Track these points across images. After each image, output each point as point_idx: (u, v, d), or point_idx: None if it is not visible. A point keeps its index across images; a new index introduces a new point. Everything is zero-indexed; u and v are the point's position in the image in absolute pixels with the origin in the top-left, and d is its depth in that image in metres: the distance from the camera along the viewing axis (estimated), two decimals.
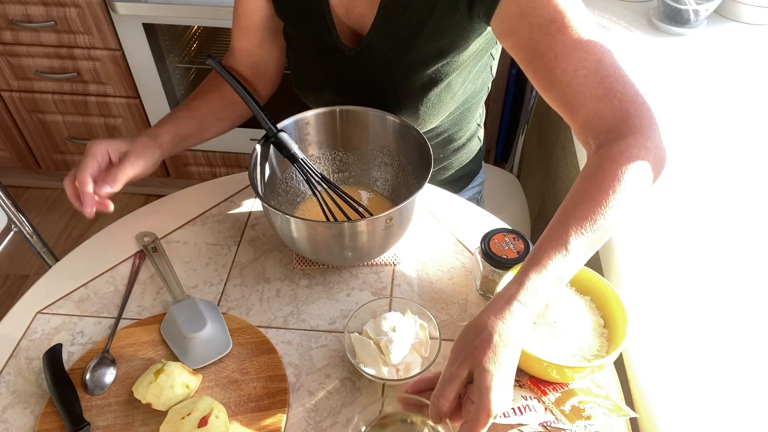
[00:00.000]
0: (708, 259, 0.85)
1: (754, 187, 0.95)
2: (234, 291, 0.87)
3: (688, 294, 0.81)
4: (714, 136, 1.04)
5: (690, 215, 0.91)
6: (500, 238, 0.82)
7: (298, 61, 0.98)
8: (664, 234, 0.88)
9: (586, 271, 0.77)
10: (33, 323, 0.83)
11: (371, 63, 0.90)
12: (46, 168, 2.08)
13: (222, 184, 1.04)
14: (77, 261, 0.92)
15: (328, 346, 0.80)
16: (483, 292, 0.85)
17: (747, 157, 1.01)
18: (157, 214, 0.99)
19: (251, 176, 0.82)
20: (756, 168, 0.99)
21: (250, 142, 1.89)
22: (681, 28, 1.27)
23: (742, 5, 1.30)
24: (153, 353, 0.79)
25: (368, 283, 0.88)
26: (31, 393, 0.76)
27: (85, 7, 1.62)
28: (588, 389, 0.71)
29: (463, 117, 1.02)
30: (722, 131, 1.05)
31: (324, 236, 0.80)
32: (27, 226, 1.31)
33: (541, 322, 0.73)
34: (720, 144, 1.03)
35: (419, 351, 0.75)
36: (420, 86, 0.89)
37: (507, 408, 0.63)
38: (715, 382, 0.71)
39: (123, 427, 0.72)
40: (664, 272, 0.83)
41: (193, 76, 1.91)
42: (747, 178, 0.97)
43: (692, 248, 0.86)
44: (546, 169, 1.51)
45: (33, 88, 1.84)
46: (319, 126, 0.93)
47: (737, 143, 1.03)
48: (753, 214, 0.91)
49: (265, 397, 0.74)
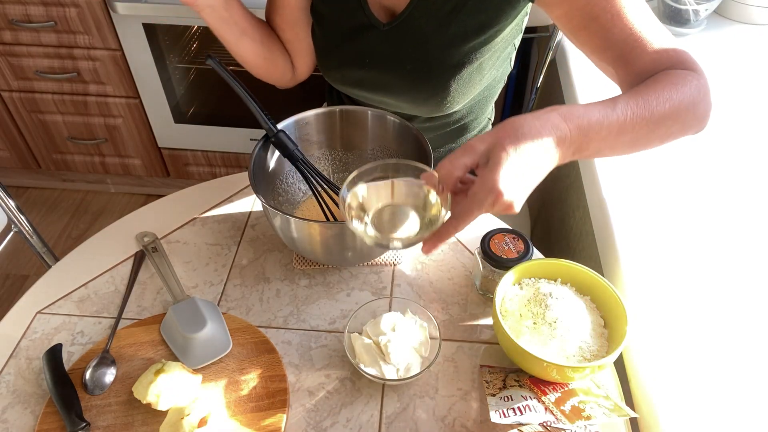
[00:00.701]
0: (708, 259, 0.85)
1: (754, 187, 0.95)
2: (234, 291, 0.87)
3: (689, 294, 0.81)
4: (714, 136, 1.04)
5: (690, 215, 0.91)
6: (500, 238, 0.82)
7: (327, 39, 0.97)
8: (664, 234, 0.88)
9: (586, 271, 0.77)
10: (33, 323, 0.83)
11: (407, 38, 0.90)
12: (46, 168, 2.08)
13: (222, 184, 1.04)
14: (77, 261, 0.92)
15: (328, 346, 0.80)
16: (483, 292, 0.85)
17: (747, 157, 1.01)
18: (157, 214, 0.99)
19: (251, 176, 0.82)
20: (756, 168, 0.99)
21: (250, 142, 1.89)
22: (681, 28, 1.27)
23: (742, 5, 1.30)
24: (153, 353, 0.79)
25: (368, 283, 0.88)
26: (31, 393, 0.76)
27: (85, 7, 1.62)
28: (588, 389, 0.71)
29: (480, 105, 1.02)
30: (722, 131, 1.05)
31: (324, 236, 0.80)
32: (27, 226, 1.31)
33: (541, 322, 0.73)
34: (720, 144, 1.03)
35: (419, 351, 0.75)
36: (455, 63, 0.89)
37: (515, 198, 0.56)
38: (715, 382, 0.71)
39: (123, 427, 0.72)
40: (665, 272, 0.83)
41: (193, 76, 1.91)
42: (747, 178, 0.97)
43: (692, 248, 0.86)
44: None
45: (33, 88, 1.84)
46: (319, 126, 0.93)
47: (737, 143, 1.03)
48: (753, 214, 0.91)
49: (265, 397, 0.74)
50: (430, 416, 0.73)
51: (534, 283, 0.78)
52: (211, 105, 1.93)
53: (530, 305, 0.75)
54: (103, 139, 1.95)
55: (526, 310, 0.75)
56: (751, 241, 0.87)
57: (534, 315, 0.74)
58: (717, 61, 1.21)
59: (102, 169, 2.06)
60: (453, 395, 0.75)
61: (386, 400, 0.74)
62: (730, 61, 1.21)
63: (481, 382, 0.76)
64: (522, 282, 0.79)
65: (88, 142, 1.97)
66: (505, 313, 0.76)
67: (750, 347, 0.75)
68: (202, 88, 1.91)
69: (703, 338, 0.76)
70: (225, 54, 1.02)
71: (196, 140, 1.93)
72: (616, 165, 0.98)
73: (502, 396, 0.70)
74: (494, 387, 0.72)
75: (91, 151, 2.01)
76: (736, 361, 0.73)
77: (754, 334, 0.76)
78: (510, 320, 0.75)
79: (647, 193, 0.94)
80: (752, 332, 0.76)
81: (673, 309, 0.79)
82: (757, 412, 0.69)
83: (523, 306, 0.75)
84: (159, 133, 1.93)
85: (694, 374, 0.72)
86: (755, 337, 0.76)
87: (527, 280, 0.79)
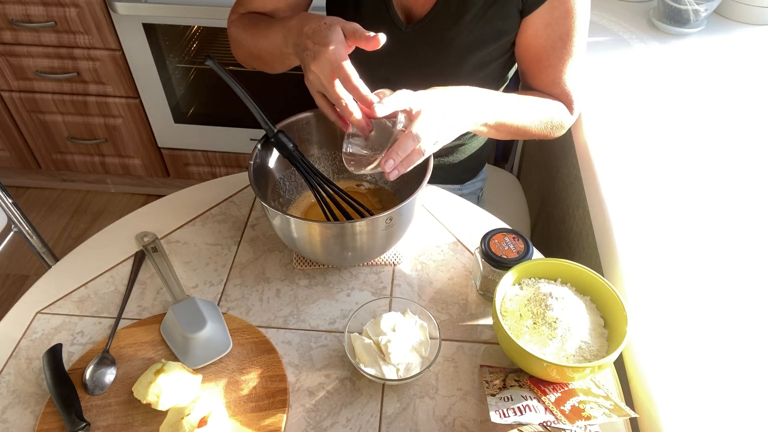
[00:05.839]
0: (708, 259, 0.85)
1: (754, 186, 0.95)
2: (234, 291, 0.87)
3: (689, 293, 0.81)
4: (714, 136, 1.04)
5: (691, 215, 0.91)
6: (500, 238, 0.82)
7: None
8: (664, 234, 0.88)
9: (586, 271, 0.77)
10: (33, 323, 0.83)
11: (428, 41, 0.92)
12: (46, 168, 2.08)
13: (222, 184, 1.04)
14: (77, 261, 0.92)
15: (328, 346, 0.80)
16: (483, 292, 0.85)
17: (747, 156, 1.01)
18: (157, 214, 0.99)
19: (251, 176, 0.82)
20: (756, 168, 0.99)
21: (250, 142, 1.89)
22: (681, 28, 1.27)
23: (742, 5, 1.30)
24: (153, 353, 0.79)
25: (368, 283, 0.88)
26: (31, 393, 0.76)
27: (85, 7, 1.62)
28: (588, 389, 0.71)
29: None
30: (722, 131, 1.05)
31: (324, 236, 0.80)
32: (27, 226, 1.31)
33: (540, 322, 0.73)
34: (720, 144, 1.03)
35: (419, 351, 0.75)
36: (471, 67, 0.93)
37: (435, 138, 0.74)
38: (715, 382, 0.71)
39: (123, 427, 0.72)
40: (665, 272, 0.83)
41: (193, 76, 1.90)
42: (747, 178, 0.97)
43: (693, 248, 0.86)
44: (546, 169, 1.51)
45: (33, 88, 1.84)
46: (319, 126, 0.93)
47: (737, 143, 1.03)
48: (753, 213, 0.91)
49: (265, 397, 0.74)
50: (430, 416, 0.73)
51: (534, 283, 0.78)
52: (211, 105, 1.93)
53: (530, 305, 0.75)
54: (103, 139, 1.95)
55: (526, 310, 0.75)
56: (751, 241, 0.87)
57: (534, 315, 0.74)
58: (717, 61, 1.21)
59: (102, 169, 2.06)
60: (453, 395, 0.75)
61: (386, 400, 0.74)
62: (730, 61, 1.21)
63: (481, 382, 0.76)
64: (522, 282, 0.79)
65: (88, 142, 1.97)
66: (505, 313, 0.76)
67: (750, 347, 0.75)
68: (202, 88, 1.91)
69: (704, 338, 0.76)
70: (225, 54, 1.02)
71: (196, 140, 1.93)
72: (616, 165, 0.98)
73: (502, 396, 0.70)
74: (494, 387, 0.72)
75: (91, 151, 2.01)
76: (736, 361, 0.73)
77: (754, 333, 0.76)
78: (510, 320, 0.75)
79: (647, 193, 0.94)
80: (752, 332, 0.76)
81: (673, 309, 0.79)
82: (757, 412, 0.69)
83: (523, 306, 0.75)
84: (159, 133, 1.93)
85: (694, 374, 0.72)
86: (755, 337, 0.76)
87: (527, 280, 0.79)
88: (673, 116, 1.08)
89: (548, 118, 0.94)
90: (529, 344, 0.72)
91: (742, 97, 1.13)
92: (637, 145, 1.02)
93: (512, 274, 0.77)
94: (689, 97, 1.12)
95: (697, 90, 1.14)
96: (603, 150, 1.01)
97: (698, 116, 1.08)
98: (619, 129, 1.05)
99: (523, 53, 0.95)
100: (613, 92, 1.14)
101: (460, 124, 0.79)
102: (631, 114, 1.09)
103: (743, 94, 1.13)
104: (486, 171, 1.25)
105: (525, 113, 0.90)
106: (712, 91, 1.14)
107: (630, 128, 1.06)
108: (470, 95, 0.82)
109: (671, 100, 1.12)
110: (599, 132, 1.05)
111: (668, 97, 1.13)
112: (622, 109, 1.10)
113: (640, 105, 1.11)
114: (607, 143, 1.02)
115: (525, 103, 0.91)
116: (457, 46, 0.92)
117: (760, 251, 0.86)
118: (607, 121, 1.07)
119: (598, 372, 0.70)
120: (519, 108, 0.90)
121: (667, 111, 1.09)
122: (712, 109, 1.10)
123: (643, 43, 1.26)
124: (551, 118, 0.94)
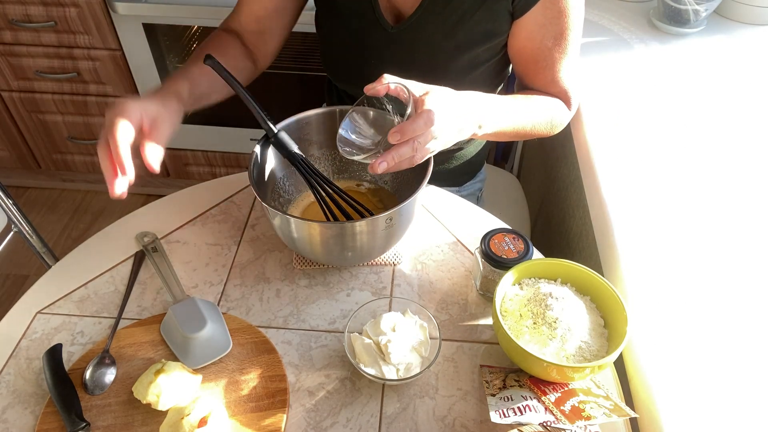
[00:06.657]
0: (709, 259, 0.85)
1: (754, 186, 0.95)
2: (234, 291, 0.87)
3: (689, 293, 0.81)
4: (714, 135, 1.04)
5: (691, 215, 0.91)
6: (500, 238, 0.82)
7: (334, 34, 0.97)
8: (664, 234, 0.88)
9: (586, 271, 0.77)
10: (33, 323, 0.83)
11: (415, 42, 0.92)
12: (46, 168, 2.08)
13: (222, 184, 1.04)
14: (77, 261, 0.92)
15: (328, 346, 0.80)
16: (483, 292, 0.85)
17: (747, 156, 1.01)
18: (157, 214, 0.99)
19: (251, 176, 0.82)
20: (756, 168, 0.99)
21: (250, 142, 1.89)
22: (681, 28, 1.27)
23: (742, 5, 1.30)
24: (153, 353, 0.79)
25: (368, 283, 0.88)
26: (31, 393, 0.76)
27: (85, 7, 1.62)
28: (588, 389, 0.71)
29: None
30: (722, 131, 1.05)
31: (324, 236, 0.80)
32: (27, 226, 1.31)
33: (540, 322, 0.73)
34: (720, 143, 1.03)
35: (419, 351, 0.75)
36: (461, 69, 0.93)
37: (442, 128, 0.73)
38: (715, 382, 0.71)
39: (123, 427, 0.72)
40: (665, 272, 0.83)
41: None
42: (747, 178, 0.97)
43: (693, 248, 0.86)
44: (546, 169, 1.51)
45: (33, 88, 1.84)
46: (319, 126, 0.93)
47: (737, 143, 1.03)
48: (753, 213, 0.91)
49: (265, 397, 0.74)
50: (430, 416, 0.73)
51: (534, 283, 0.78)
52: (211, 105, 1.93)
53: (530, 305, 0.75)
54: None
55: (526, 310, 0.75)
56: (751, 241, 0.87)
57: (534, 315, 0.74)
58: (717, 61, 1.21)
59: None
60: (453, 395, 0.75)
61: (386, 400, 0.74)
62: (730, 61, 1.21)
63: (481, 382, 0.76)
64: (522, 282, 0.79)
65: (88, 142, 1.97)
66: (505, 313, 0.76)
67: (750, 347, 0.75)
68: None
69: (704, 338, 0.76)
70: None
71: (196, 140, 1.93)
72: (616, 165, 0.98)
73: (502, 396, 0.70)
74: (494, 387, 0.72)
75: (91, 151, 2.00)
76: (736, 361, 0.73)
77: (754, 333, 0.76)
78: (510, 320, 0.75)
79: (647, 193, 0.94)
80: (752, 331, 0.76)
81: (673, 309, 0.79)
82: (757, 412, 0.69)
83: (523, 306, 0.75)
84: None
85: (694, 374, 0.72)
86: (755, 337, 0.76)
87: (527, 280, 0.79)
88: (673, 116, 1.08)
89: (549, 118, 0.94)
90: (529, 344, 0.72)
91: (742, 97, 1.13)
92: (637, 146, 1.02)
93: (512, 274, 0.77)
94: (689, 97, 1.12)
95: (697, 90, 1.14)
96: (603, 150, 1.01)
97: (698, 116, 1.08)
98: (619, 129, 1.06)
99: (518, 56, 0.95)
100: (613, 92, 1.14)
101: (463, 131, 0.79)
102: (631, 114, 1.09)
103: (743, 94, 1.13)
104: (484, 172, 1.24)
105: (526, 117, 0.91)
106: (712, 91, 1.14)
107: (630, 128, 1.06)
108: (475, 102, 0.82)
109: (671, 100, 1.12)
110: (599, 132, 1.05)
111: (668, 97, 1.13)
112: (622, 110, 1.10)
113: (640, 105, 1.11)
114: (607, 143, 1.02)
115: (526, 107, 0.91)
116: (444, 48, 0.91)
117: (760, 251, 0.86)
118: (607, 121, 1.07)
119: (598, 372, 0.70)
120: (520, 113, 0.90)
121: (667, 111, 1.09)
122: (712, 109, 1.10)
123: (643, 43, 1.26)
124: (552, 117, 0.94)
